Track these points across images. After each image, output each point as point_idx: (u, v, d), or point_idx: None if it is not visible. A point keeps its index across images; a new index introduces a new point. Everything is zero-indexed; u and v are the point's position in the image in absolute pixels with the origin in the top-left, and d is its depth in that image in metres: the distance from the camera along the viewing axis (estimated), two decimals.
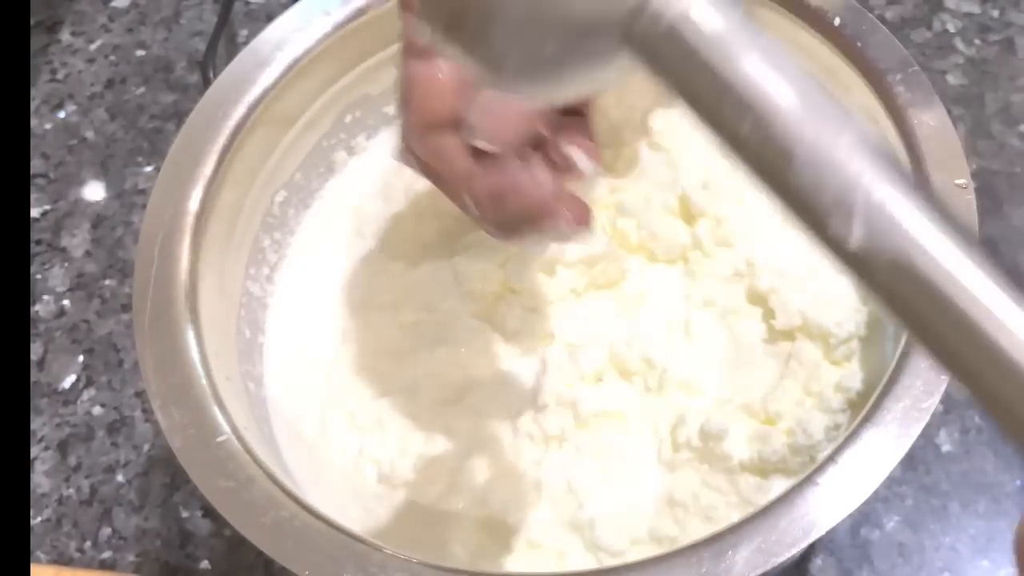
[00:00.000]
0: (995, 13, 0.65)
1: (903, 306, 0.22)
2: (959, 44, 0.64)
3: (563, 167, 0.40)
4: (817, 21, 0.49)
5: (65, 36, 0.71)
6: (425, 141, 0.39)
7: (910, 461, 0.50)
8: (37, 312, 0.59)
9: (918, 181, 0.25)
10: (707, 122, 0.24)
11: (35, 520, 0.53)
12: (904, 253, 0.21)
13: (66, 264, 0.61)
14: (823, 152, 0.22)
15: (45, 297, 0.60)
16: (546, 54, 0.26)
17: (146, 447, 0.55)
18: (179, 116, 0.66)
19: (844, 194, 0.22)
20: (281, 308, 0.53)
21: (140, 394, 0.57)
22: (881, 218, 0.21)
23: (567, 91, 0.28)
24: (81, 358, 0.58)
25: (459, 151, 0.39)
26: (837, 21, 0.48)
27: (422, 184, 0.55)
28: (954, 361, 0.22)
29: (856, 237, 0.22)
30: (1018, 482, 0.50)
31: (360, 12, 0.52)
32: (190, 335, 0.44)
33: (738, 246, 0.51)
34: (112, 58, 0.69)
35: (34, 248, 0.62)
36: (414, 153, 0.40)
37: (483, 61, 0.26)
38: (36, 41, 0.70)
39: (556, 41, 0.25)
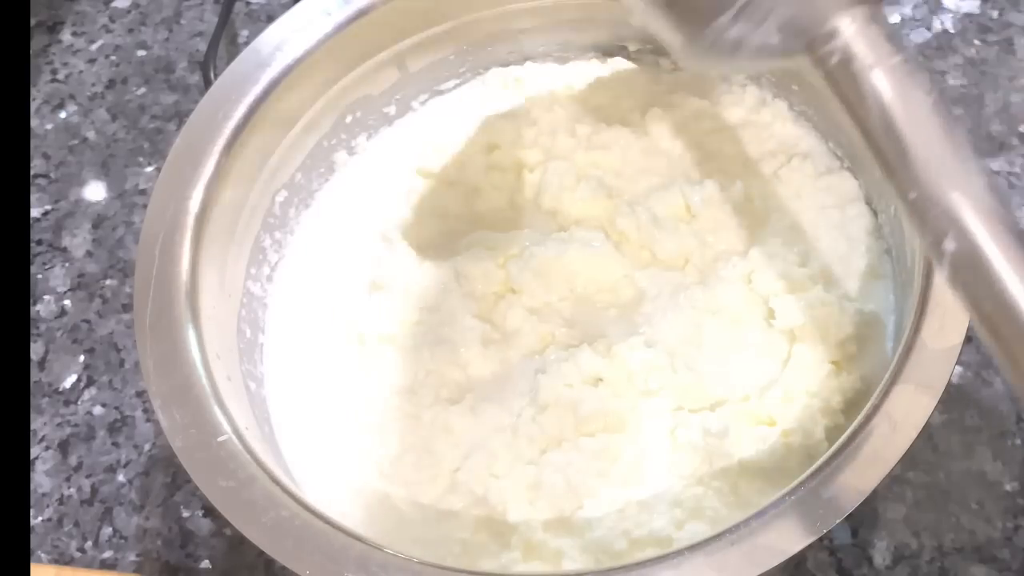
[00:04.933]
0: (994, 13, 0.65)
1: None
2: (959, 44, 0.64)
3: None
4: None
5: (66, 36, 0.71)
6: None
7: (910, 460, 0.50)
8: (38, 312, 0.60)
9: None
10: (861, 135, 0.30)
11: (36, 520, 0.53)
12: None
13: (67, 264, 0.61)
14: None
15: (46, 297, 0.60)
16: (737, 43, 0.30)
17: (147, 447, 0.55)
18: (180, 116, 0.66)
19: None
20: (282, 308, 0.53)
21: (141, 394, 0.57)
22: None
23: (736, 69, 0.34)
24: (82, 358, 0.58)
25: None
26: None
27: (423, 184, 0.55)
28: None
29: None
30: (1017, 482, 0.50)
31: (361, 13, 0.52)
32: (191, 335, 0.44)
33: (739, 247, 0.51)
34: (113, 58, 0.69)
35: (35, 248, 0.62)
36: None
37: (683, 36, 0.31)
38: (37, 41, 0.70)
39: (753, 35, 0.30)
